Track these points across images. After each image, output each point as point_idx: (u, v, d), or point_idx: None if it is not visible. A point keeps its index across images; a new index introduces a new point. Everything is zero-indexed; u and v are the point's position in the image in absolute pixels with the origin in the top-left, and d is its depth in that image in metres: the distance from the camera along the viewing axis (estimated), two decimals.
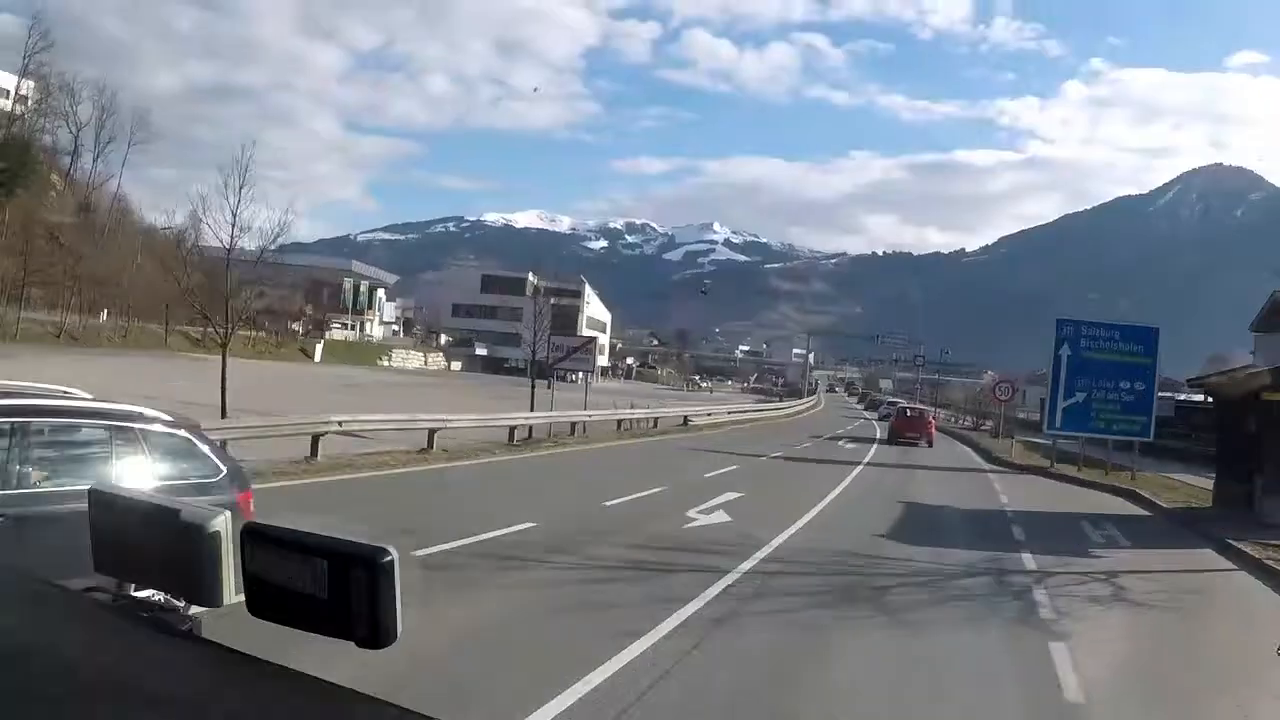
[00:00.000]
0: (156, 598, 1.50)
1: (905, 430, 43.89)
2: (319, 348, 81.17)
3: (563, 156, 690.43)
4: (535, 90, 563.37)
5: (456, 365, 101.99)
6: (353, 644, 1.29)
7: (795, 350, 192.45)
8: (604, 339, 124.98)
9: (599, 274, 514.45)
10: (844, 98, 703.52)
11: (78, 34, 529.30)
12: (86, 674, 1.22)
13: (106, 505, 1.50)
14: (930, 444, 42.91)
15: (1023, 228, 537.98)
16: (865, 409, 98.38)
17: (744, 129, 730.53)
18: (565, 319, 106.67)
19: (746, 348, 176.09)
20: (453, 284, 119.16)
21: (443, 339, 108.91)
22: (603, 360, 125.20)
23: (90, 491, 1.56)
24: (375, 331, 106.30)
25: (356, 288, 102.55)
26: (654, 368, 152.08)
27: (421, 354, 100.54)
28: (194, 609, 1.48)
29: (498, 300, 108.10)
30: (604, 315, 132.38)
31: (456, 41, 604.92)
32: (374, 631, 1.26)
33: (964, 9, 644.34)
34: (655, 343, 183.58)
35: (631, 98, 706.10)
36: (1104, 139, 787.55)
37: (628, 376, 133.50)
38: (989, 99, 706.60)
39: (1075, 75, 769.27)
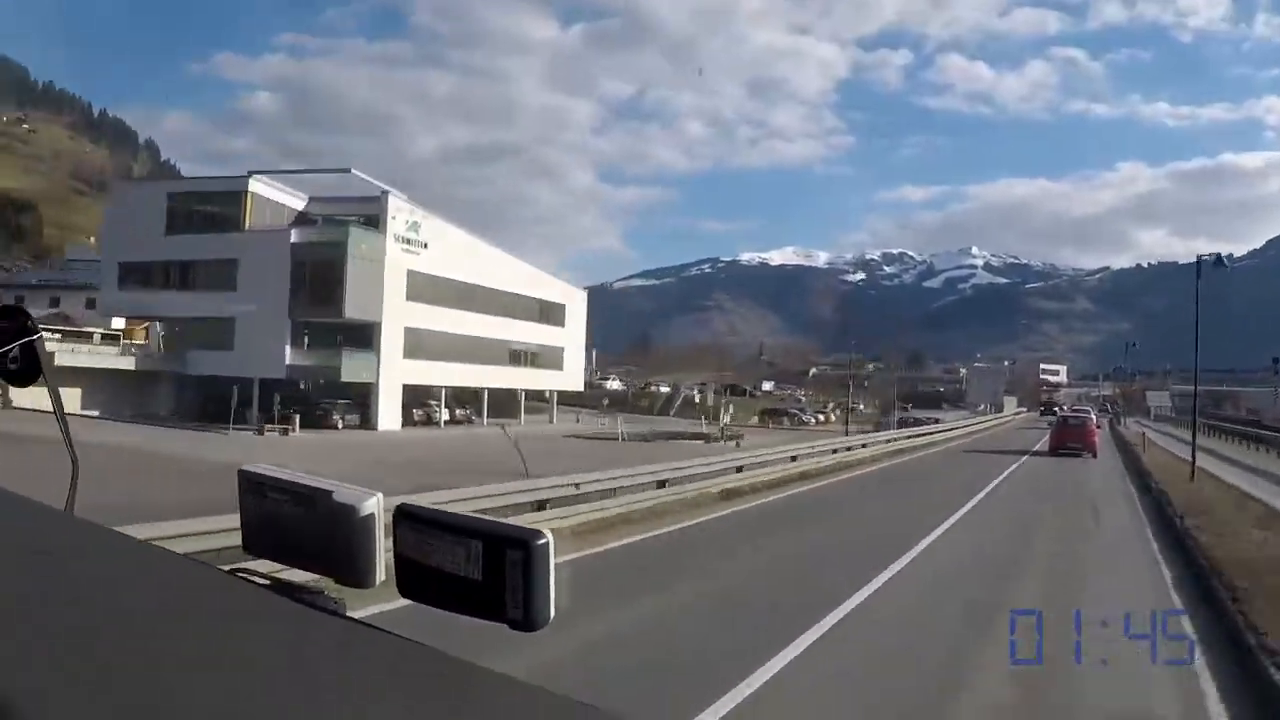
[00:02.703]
0: (303, 579, 1.50)
1: (1067, 440, 41.50)
2: None
3: (820, 192, 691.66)
4: (700, 73, 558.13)
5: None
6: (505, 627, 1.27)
7: (1044, 365, 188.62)
8: (565, 339, 73.09)
9: (860, 306, 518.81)
10: (1105, 109, 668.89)
11: (335, 108, 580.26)
12: (244, 653, 1.24)
13: (256, 486, 1.48)
14: (1095, 455, 40.14)
15: None
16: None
17: (1005, 150, 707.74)
18: (324, 280, 51.68)
19: (983, 365, 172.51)
20: (121, 225, 57.58)
21: (151, 333, 56.33)
22: (561, 380, 73.71)
23: (239, 472, 1.52)
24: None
25: None
26: (707, 395, 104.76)
27: None
28: (340, 590, 1.47)
29: (197, 247, 53.53)
30: (561, 294, 74.74)
31: (709, 86, 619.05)
32: (528, 614, 1.25)
33: (1223, 7, 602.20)
34: (873, 366, 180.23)
35: (887, 127, 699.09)
36: None
37: (657, 410, 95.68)
38: (1255, 98, 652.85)
39: None
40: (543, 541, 1.26)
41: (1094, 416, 51.92)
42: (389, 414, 54.60)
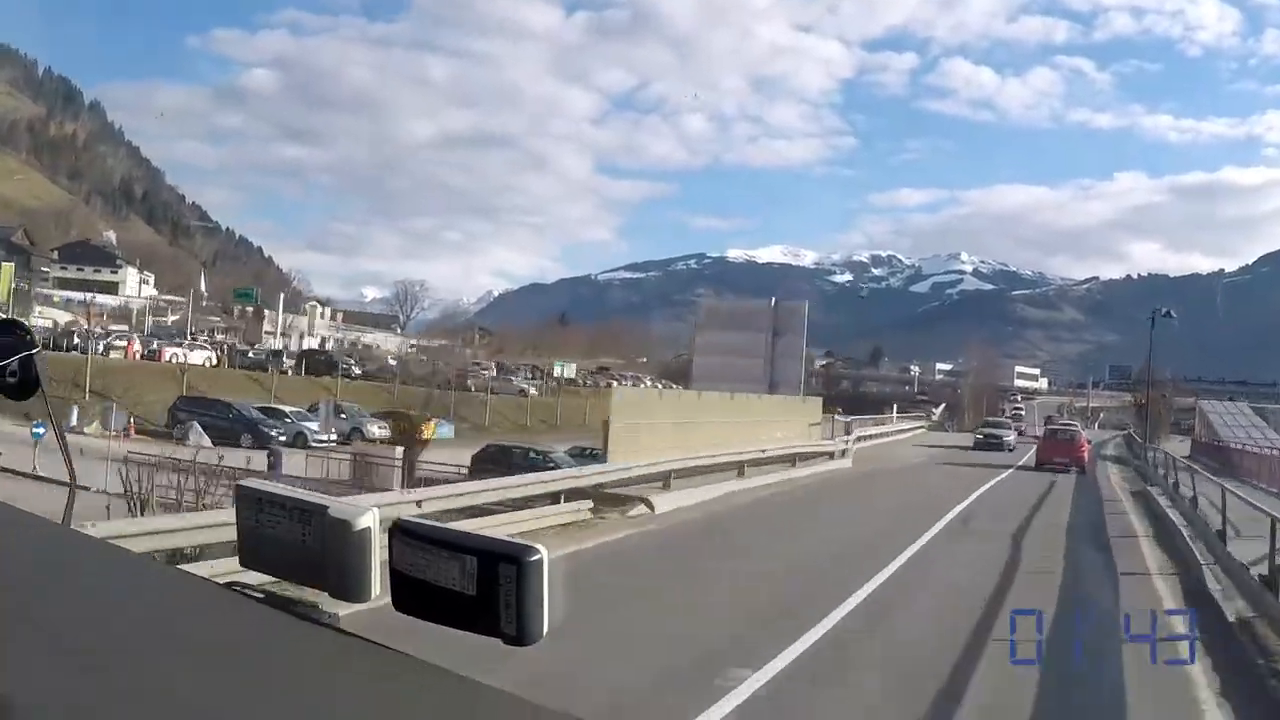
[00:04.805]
0: (299, 593, 1.51)
1: (1053, 455, 38.33)
2: None
3: (816, 192, 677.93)
4: (695, 97, 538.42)
5: None
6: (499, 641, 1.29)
7: (1019, 369, 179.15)
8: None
9: (844, 307, 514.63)
10: (1108, 120, 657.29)
11: (331, 86, 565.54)
12: (239, 666, 1.24)
13: (253, 501, 1.49)
14: (1083, 470, 36.83)
15: None
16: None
17: (1004, 156, 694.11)
18: None
19: (948, 366, 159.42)
20: None
21: None
22: None
23: (237, 486, 1.56)
24: None
25: None
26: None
27: None
28: (334, 604, 1.48)
29: None
30: None
31: (710, 80, 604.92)
32: (521, 629, 1.26)
33: (1233, 23, 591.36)
34: (827, 363, 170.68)
35: (890, 130, 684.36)
36: None
37: None
38: (1259, 113, 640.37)
39: None
40: (536, 557, 1.28)
41: (1083, 432, 47.77)
42: None
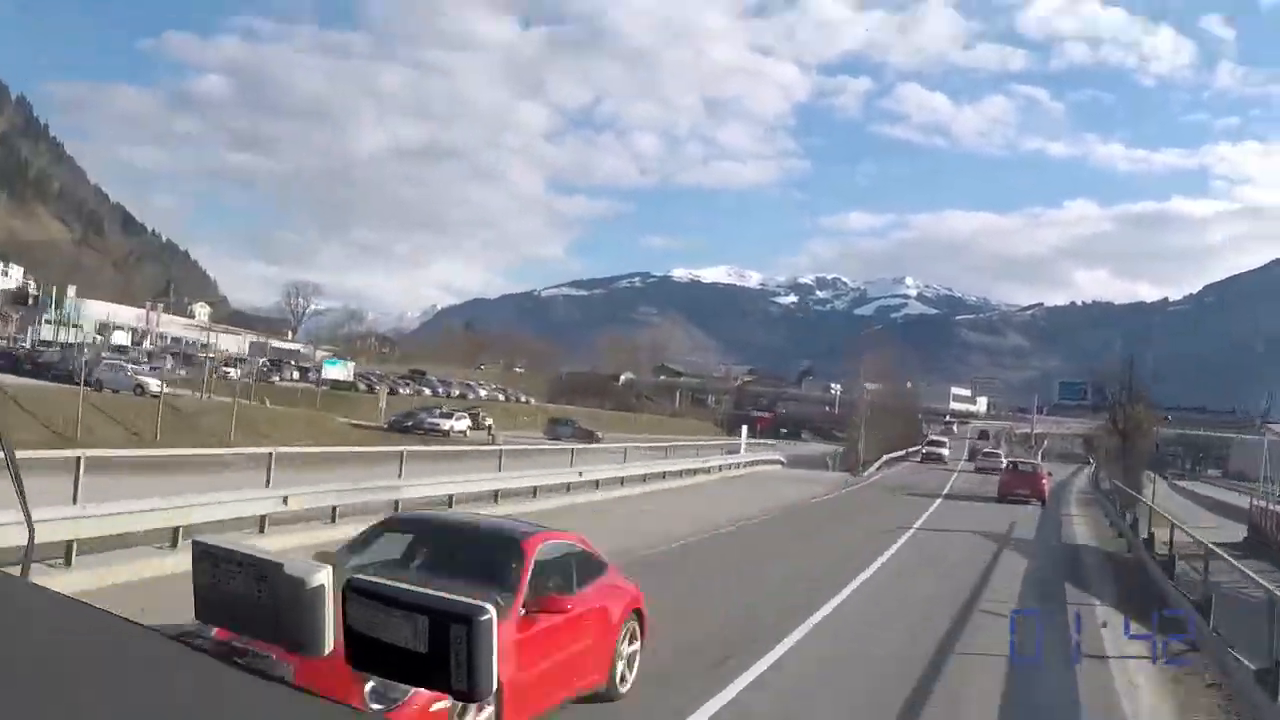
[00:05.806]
0: (250, 646, 1.54)
1: (1015, 487, 38.77)
2: None
3: (766, 213, 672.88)
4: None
5: None
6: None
7: (955, 390, 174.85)
8: None
9: (789, 329, 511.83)
10: (1060, 148, 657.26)
11: (282, 95, 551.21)
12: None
13: (210, 556, 1.52)
14: (1044, 503, 37.80)
15: (1229, 274, 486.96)
16: None
17: (956, 182, 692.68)
18: None
19: (875, 386, 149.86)
20: None
21: None
22: None
23: (193, 542, 1.57)
24: None
25: None
26: None
27: None
28: (284, 658, 1.52)
29: None
30: None
31: (665, 99, 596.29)
32: (471, 685, 1.30)
33: (1188, 55, 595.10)
34: (741, 381, 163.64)
35: (841, 153, 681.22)
36: None
37: None
38: (1210, 144, 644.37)
39: None
40: (486, 617, 1.32)
41: (1043, 466, 48.37)
42: None
